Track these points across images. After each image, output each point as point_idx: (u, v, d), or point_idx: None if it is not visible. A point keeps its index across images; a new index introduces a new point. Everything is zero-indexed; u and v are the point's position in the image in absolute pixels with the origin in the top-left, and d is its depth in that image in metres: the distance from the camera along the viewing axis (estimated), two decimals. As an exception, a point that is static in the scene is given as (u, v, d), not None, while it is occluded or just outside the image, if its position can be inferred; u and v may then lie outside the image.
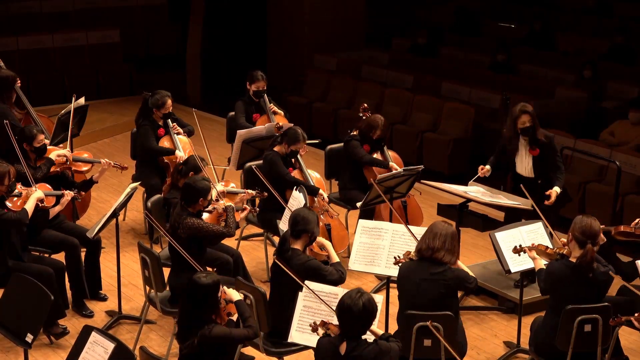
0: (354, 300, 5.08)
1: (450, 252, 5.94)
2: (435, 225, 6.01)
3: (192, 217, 6.74)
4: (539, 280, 6.27)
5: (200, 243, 6.81)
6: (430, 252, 5.92)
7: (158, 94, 8.89)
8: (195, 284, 5.43)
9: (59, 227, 7.69)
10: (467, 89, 12.50)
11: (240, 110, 9.46)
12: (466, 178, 8.26)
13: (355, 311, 5.06)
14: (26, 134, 7.83)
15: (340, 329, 5.14)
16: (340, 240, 8.28)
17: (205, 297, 5.41)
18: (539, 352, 6.25)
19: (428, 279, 5.90)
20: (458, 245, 6.09)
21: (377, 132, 8.62)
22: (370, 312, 5.13)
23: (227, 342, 5.46)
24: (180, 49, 15.73)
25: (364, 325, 5.16)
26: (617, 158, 9.35)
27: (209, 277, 5.46)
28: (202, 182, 6.88)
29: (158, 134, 8.92)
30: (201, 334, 5.34)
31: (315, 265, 6.16)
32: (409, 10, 17.01)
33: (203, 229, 6.73)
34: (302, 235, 6.22)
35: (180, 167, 7.75)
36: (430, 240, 5.94)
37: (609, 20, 15.02)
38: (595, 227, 6.06)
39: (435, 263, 5.93)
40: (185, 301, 5.51)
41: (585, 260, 5.98)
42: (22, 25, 14.86)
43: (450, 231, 5.98)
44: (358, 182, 8.63)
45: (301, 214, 6.27)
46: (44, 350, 7.11)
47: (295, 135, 8.27)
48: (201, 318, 5.40)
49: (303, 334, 5.80)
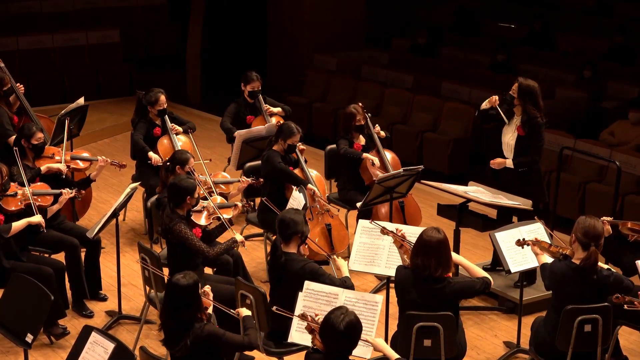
0: (337, 321, 4.90)
1: (445, 265, 5.78)
2: (424, 239, 5.77)
3: (182, 223, 6.69)
4: (543, 277, 6.25)
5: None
6: (428, 272, 5.77)
7: (151, 92, 8.90)
8: (175, 285, 5.33)
9: (59, 227, 7.69)
10: (467, 89, 12.50)
11: (229, 112, 9.45)
12: (466, 178, 8.27)
13: (337, 332, 4.89)
14: (25, 130, 7.85)
15: (324, 347, 5.00)
16: (341, 240, 8.28)
17: (188, 298, 5.31)
18: (539, 352, 6.25)
19: (427, 292, 5.81)
20: (449, 252, 5.88)
21: (357, 119, 8.59)
22: (351, 335, 4.93)
23: (218, 343, 5.35)
24: (180, 49, 15.74)
25: (347, 348, 4.98)
26: (617, 158, 9.33)
27: (187, 277, 5.35)
28: (187, 181, 6.83)
29: (154, 133, 8.91)
30: (194, 333, 5.28)
31: (313, 268, 6.12)
32: (409, 10, 17.02)
33: (187, 241, 6.65)
34: (293, 238, 6.18)
35: (167, 164, 7.72)
36: (424, 258, 5.75)
37: (609, 20, 15.02)
38: (598, 229, 6.02)
39: (432, 280, 5.80)
40: (168, 305, 5.38)
41: (589, 262, 5.96)
42: (22, 25, 14.87)
43: (442, 241, 5.77)
44: (356, 182, 8.63)
45: (287, 216, 6.21)
46: (44, 350, 7.11)
47: (290, 129, 8.26)
48: (188, 318, 5.30)
49: (303, 334, 5.79)
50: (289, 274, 6.10)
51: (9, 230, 6.95)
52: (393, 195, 8.04)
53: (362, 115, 8.60)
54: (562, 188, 9.54)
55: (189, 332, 5.29)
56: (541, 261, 6.33)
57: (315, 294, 5.86)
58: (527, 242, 6.42)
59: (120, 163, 8.22)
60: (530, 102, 7.71)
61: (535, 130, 7.73)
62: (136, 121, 9.03)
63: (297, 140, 8.29)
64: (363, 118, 8.61)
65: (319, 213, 8.18)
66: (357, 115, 8.58)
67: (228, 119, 9.42)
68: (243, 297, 6.21)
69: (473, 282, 5.93)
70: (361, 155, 8.48)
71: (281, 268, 6.14)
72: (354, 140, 8.66)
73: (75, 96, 9.54)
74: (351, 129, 8.61)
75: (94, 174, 8.07)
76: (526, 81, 7.78)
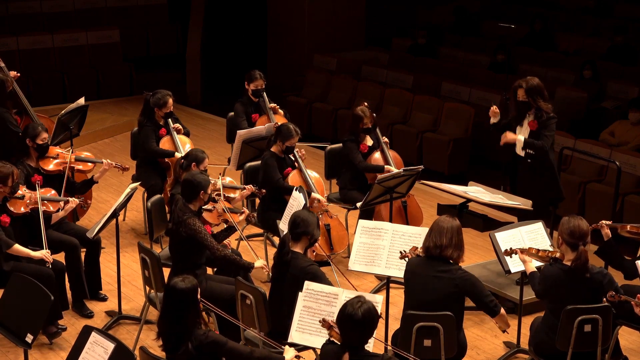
0: (354, 309, 4.94)
1: (458, 247, 5.91)
2: (440, 221, 5.95)
3: (195, 218, 6.72)
4: (532, 284, 6.26)
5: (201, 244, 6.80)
6: (439, 251, 5.88)
7: (159, 94, 8.91)
8: (174, 289, 5.29)
9: (59, 228, 7.69)
10: (467, 89, 12.51)
11: (239, 112, 9.46)
12: (466, 178, 8.27)
13: (354, 320, 4.93)
14: (30, 130, 7.88)
15: (341, 338, 5.03)
16: (340, 240, 8.28)
17: (187, 302, 5.27)
18: (538, 352, 6.25)
19: (437, 276, 5.87)
20: (462, 238, 6.02)
21: (365, 121, 8.61)
22: (369, 322, 4.98)
23: (220, 351, 5.31)
24: (180, 49, 15.75)
25: (365, 335, 5.01)
26: (617, 158, 9.34)
27: (186, 281, 5.31)
28: (201, 176, 6.84)
29: (160, 134, 8.95)
30: (197, 339, 5.25)
31: (316, 272, 6.09)
32: (409, 10, 17.02)
33: (199, 235, 6.66)
34: (302, 238, 6.18)
35: (182, 161, 7.77)
36: (437, 237, 5.89)
37: (609, 20, 15.02)
38: (583, 227, 6.02)
39: (443, 261, 5.90)
40: (166, 309, 5.35)
41: (580, 262, 5.96)
42: (22, 25, 14.87)
43: (456, 225, 5.94)
44: (359, 182, 8.64)
45: (301, 215, 6.22)
46: (44, 350, 7.11)
47: (288, 131, 8.27)
48: (188, 323, 5.26)
49: (303, 334, 5.80)
50: (292, 271, 6.09)
51: (9, 247, 6.94)
52: (393, 196, 8.04)
53: (369, 118, 8.61)
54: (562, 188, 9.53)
55: (190, 337, 5.25)
56: (529, 269, 6.34)
57: (315, 294, 5.86)
58: (514, 250, 6.44)
59: (123, 166, 8.22)
60: (541, 97, 7.85)
61: (547, 122, 7.80)
62: (144, 122, 9.02)
63: (295, 142, 8.30)
64: (370, 120, 8.63)
65: (318, 214, 8.17)
66: (364, 118, 8.60)
67: (243, 119, 9.39)
68: (243, 297, 6.21)
69: (486, 290, 5.95)
70: (383, 169, 8.50)
71: (286, 264, 6.13)
72: (361, 141, 8.68)
73: (75, 96, 9.55)
74: (358, 131, 8.62)
75: (96, 176, 8.08)
76: (530, 81, 7.85)
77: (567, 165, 10.40)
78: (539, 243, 6.70)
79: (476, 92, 12.36)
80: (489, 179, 8.10)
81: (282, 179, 8.21)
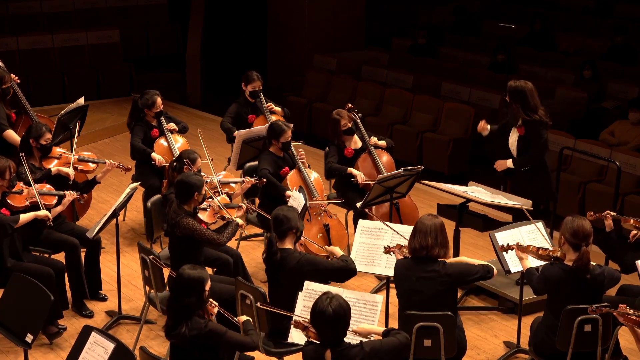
0: (324, 306, 4.98)
1: (443, 245, 5.94)
2: (422, 222, 5.95)
3: (189, 218, 6.74)
4: (530, 281, 6.25)
5: (198, 243, 6.82)
6: (425, 252, 5.90)
7: (147, 94, 8.91)
8: (180, 275, 5.44)
9: (59, 228, 7.69)
10: (467, 89, 12.51)
11: (230, 112, 9.46)
12: (466, 178, 8.27)
13: (326, 317, 4.96)
14: (34, 130, 7.89)
15: (318, 336, 5.05)
16: (340, 240, 8.28)
17: (191, 288, 5.38)
18: (538, 352, 6.25)
19: (425, 276, 5.89)
20: (447, 235, 6.03)
21: (343, 123, 8.55)
22: (342, 317, 4.99)
23: (219, 340, 5.39)
24: (180, 49, 15.74)
25: (340, 330, 5.03)
26: (617, 158, 9.34)
27: (197, 270, 5.45)
28: (195, 177, 6.88)
29: (152, 135, 8.93)
30: (196, 328, 5.32)
31: (309, 258, 6.12)
32: (409, 10, 17.02)
33: (195, 232, 6.71)
34: (288, 234, 6.17)
35: (174, 164, 7.75)
36: (423, 238, 5.90)
37: (609, 20, 15.03)
38: (587, 228, 6.02)
39: (430, 260, 5.92)
40: (172, 290, 5.56)
41: (581, 263, 5.96)
42: (22, 25, 14.87)
43: (439, 224, 5.95)
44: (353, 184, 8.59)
45: (280, 213, 6.20)
46: (44, 350, 7.11)
47: (279, 127, 8.27)
48: (188, 310, 5.36)
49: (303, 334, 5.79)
50: (286, 270, 6.09)
51: (17, 222, 6.95)
52: (393, 196, 8.04)
53: (347, 118, 8.56)
54: (562, 188, 9.54)
55: (187, 320, 5.33)
56: (525, 266, 6.34)
57: (315, 294, 5.84)
58: (511, 246, 6.42)
59: (125, 166, 8.22)
60: (520, 102, 7.77)
61: (534, 128, 7.76)
62: (132, 125, 9.03)
63: (289, 136, 8.28)
64: (349, 120, 8.57)
65: (317, 214, 8.17)
66: (341, 120, 8.54)
67: (229, 119, 9.43)
68: (243, 297, 6.21)
69: (471, 266, 5.99)
70: (345, 171, 8.46)
71: (277, 265, 6.13)
72: (346, 144, 8.62)
73: (75, 96, 9.54)
74: (339, 134, 8.59)
75: (99, 176, 8.08)
76: (515, 83, 7.84)
77: (567, 165, 10.40)
78: (539, 243, 6.70)
79: (476, 92, 12.36)
80: (489, 179, 8.10)
81: (269, 173, 8.16)
